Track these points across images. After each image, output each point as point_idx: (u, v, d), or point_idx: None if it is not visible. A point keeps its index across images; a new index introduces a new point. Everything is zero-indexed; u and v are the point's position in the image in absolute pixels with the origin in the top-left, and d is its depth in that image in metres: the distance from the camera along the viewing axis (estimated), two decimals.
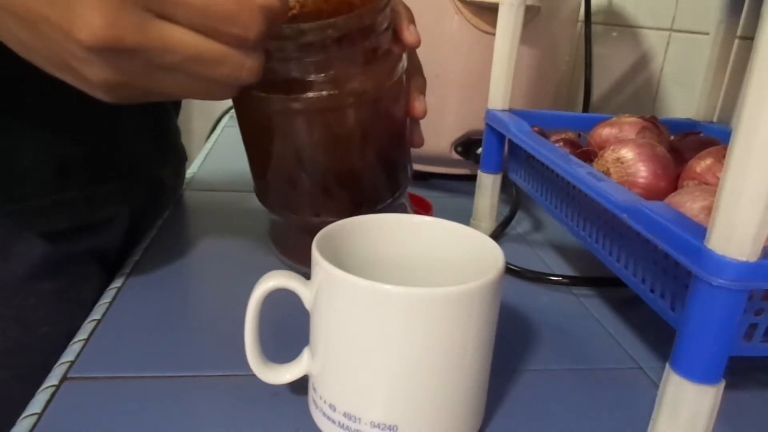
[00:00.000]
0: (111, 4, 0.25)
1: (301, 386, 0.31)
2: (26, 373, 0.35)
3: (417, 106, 0.41)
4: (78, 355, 0.34)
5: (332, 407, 0.28)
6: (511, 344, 0.39)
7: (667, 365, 0.28)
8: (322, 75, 0.35)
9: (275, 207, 0.43)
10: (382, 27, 0.37)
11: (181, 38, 0.27)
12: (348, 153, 0.39)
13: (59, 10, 0.25)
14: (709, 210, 0.34)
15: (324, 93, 0.35)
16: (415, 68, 0.42)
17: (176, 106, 0.57)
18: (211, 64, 0.28)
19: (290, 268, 0.43)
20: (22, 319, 0.40)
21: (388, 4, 0.37)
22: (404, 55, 0.40)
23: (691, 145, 0.49)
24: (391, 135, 0.41)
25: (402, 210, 0.44)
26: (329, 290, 0.27)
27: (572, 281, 0.48)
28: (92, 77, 0.27)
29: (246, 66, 0.29)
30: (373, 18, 0.35)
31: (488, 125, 0.53)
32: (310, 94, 0.35)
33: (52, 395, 0.31)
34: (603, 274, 0.45)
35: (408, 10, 0.40)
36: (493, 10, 0.51)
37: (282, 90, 0.35)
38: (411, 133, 0.43)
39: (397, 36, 0.39)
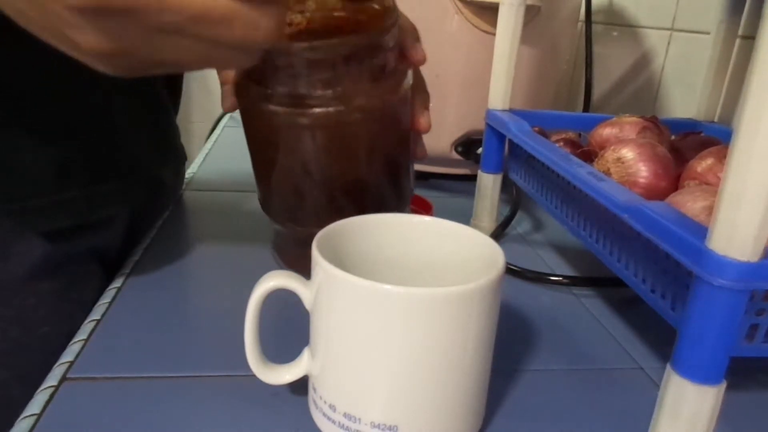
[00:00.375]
0: None
1: (301, 386, 0.31)
2: (26, 373, 0.35)
3: (422, 121, 0.42)
4: (77, 356, 0.34)
5: (332, 407, 0.28)
6: (511, 344, 0.39)
7: (668, 365, 0.28)
8: (330, 91, 0.35)
9: (280, 218, 0.43)
10: (390, 45, 0.37)
11: None
12: (354, 166, 0.39)
13: None
14: (710, 210, 0.34)
15: (331, 109, 0.35)
16: (419, 84, 0.43)
17: (175, 105, 0.57)
18: (219, 24, 0.24)
19: None
20: (22, 319, 0.40)
21: (396, 24, 0.37)
22: (410, 72, 0.40)
23: (692, 145, 0.49)
24: (396, 148, 0.41)
25: None
26: (329, 290, 0.27)
27: (572, 281, 0.48)
28: (85, 45, 0.24)
29: (261, 25, 0.25)
30: (381, 36, 0.36)
31: (488, 125, 0.53)
32: (317, 110, 0.35)
33: (52, 396, 0.31)
34: (603, 274, 0.45)
35: (414, 27, 0.40)
36: (494, 10, 0.51)
37: (289, 104, 0.35)
38: (414, 145, 0.44)
39: (403, 53, 0.39)
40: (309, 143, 0.37)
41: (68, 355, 0.34)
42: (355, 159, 0.39)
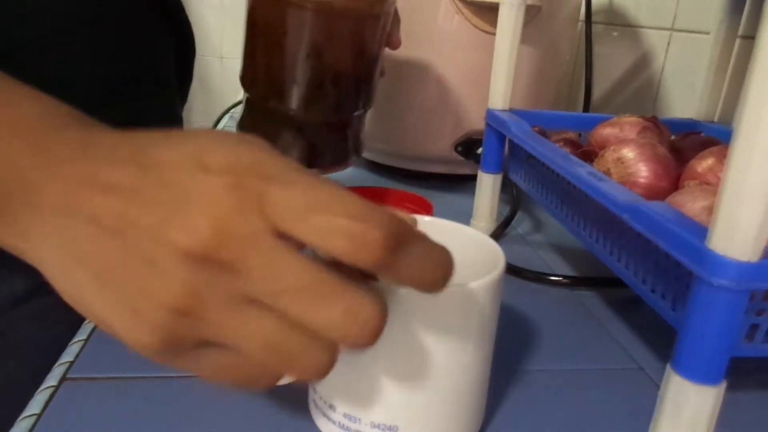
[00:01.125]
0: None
1: (301, 386, 0.31)
2: (41, 371, 0.35)
3: (395, 40, 0.49)
4: (77, 356, 0.34)
5: (332, 407, 0.28)
6: (511, 344, 0.39)
7: (668, 366, 0.28)
8: None
9: (265, 96, 0.47)
10: None
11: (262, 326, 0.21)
12: (345, 59, 0.45)
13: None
14: (710, 210, 0.33)
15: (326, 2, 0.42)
16: (396, 18, 0.49)
17: (183, 96, 0.57)
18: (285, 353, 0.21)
19: None
20: (38, 317, 0.40)
21: None
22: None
23: (692, 145, 0.49)
24: (376, 56, 0.48)
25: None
26: None
27: (572, 281, 0.48)
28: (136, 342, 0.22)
29: (315, 362, 0.21)
30: None
31: (488, 125, 0.53)
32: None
33: (52, 396, 0.31)
34: (603, 274, 0.45)
35: None
36: (493, 10, 0.51)
37: None
38: (391, 37, 0.50)
39: None
40: (308, 29, 0.43)
41: (68, 355, 0.34)
42: (346, 53, 0.45)
